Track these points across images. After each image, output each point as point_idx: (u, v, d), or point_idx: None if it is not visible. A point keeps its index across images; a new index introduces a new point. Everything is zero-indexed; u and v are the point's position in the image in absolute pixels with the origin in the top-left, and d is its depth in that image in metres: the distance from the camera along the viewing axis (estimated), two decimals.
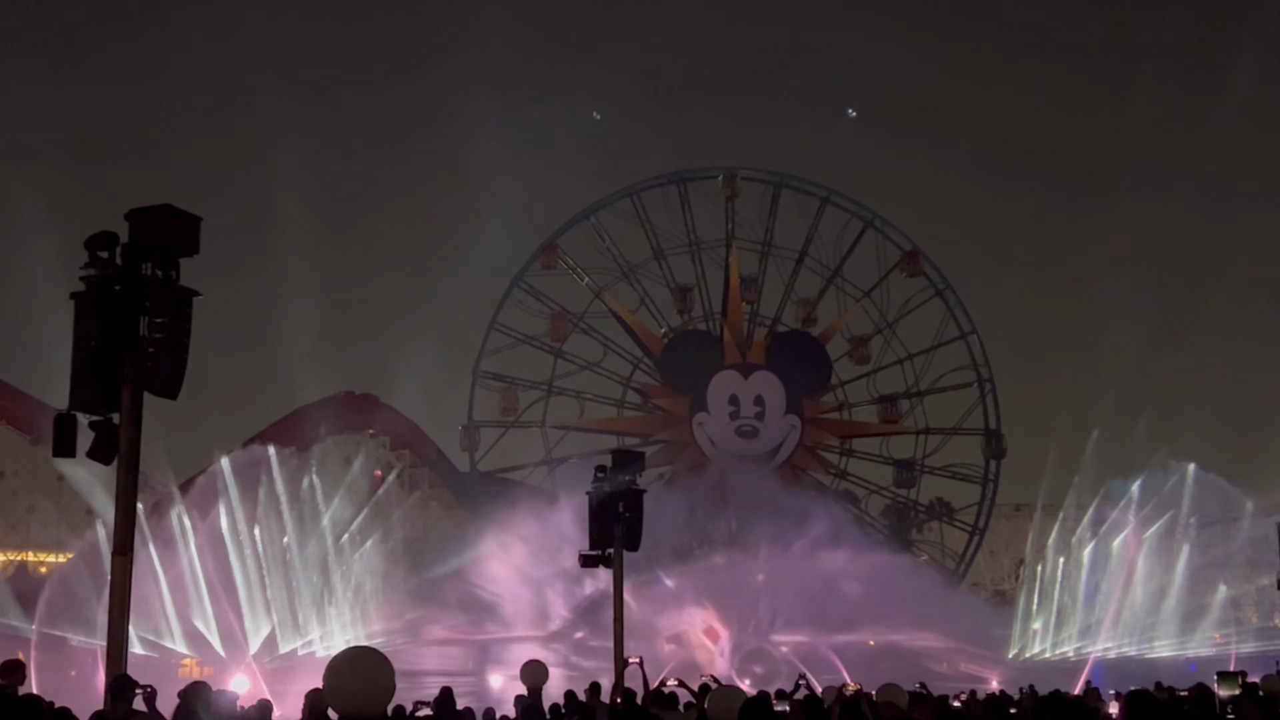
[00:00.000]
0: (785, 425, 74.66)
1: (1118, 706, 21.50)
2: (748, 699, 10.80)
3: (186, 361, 15.65)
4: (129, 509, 15.77)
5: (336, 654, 7.87)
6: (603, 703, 20.36)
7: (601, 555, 31.16)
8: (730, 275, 76.31)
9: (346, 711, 7.61)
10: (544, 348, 75.35)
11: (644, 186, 77.10)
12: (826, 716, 14.80)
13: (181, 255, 15.88)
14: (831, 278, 77.51)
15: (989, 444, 76.11)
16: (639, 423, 75.58)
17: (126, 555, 15.71)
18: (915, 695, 16.53)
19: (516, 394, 74.66)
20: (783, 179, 78.01)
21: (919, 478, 77.19)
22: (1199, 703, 16.20)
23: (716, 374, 74.63)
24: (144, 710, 13.34)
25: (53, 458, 16.12)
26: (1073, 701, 24.89)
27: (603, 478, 31.45)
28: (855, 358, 77.61)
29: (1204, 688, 18.33)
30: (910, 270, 76.80)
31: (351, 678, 7.65)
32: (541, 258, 75.06)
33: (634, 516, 30.87)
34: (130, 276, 15.55)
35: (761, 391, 74.51)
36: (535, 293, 75.53)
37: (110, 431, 15.59)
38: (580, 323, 75.99)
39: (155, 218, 15.77)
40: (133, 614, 16.13)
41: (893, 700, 15.03)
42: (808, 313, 77.23)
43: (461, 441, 74.47)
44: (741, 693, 11.45)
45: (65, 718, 13.27)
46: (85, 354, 15.32)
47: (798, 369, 74.75)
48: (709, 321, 76.82)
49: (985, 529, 76.74)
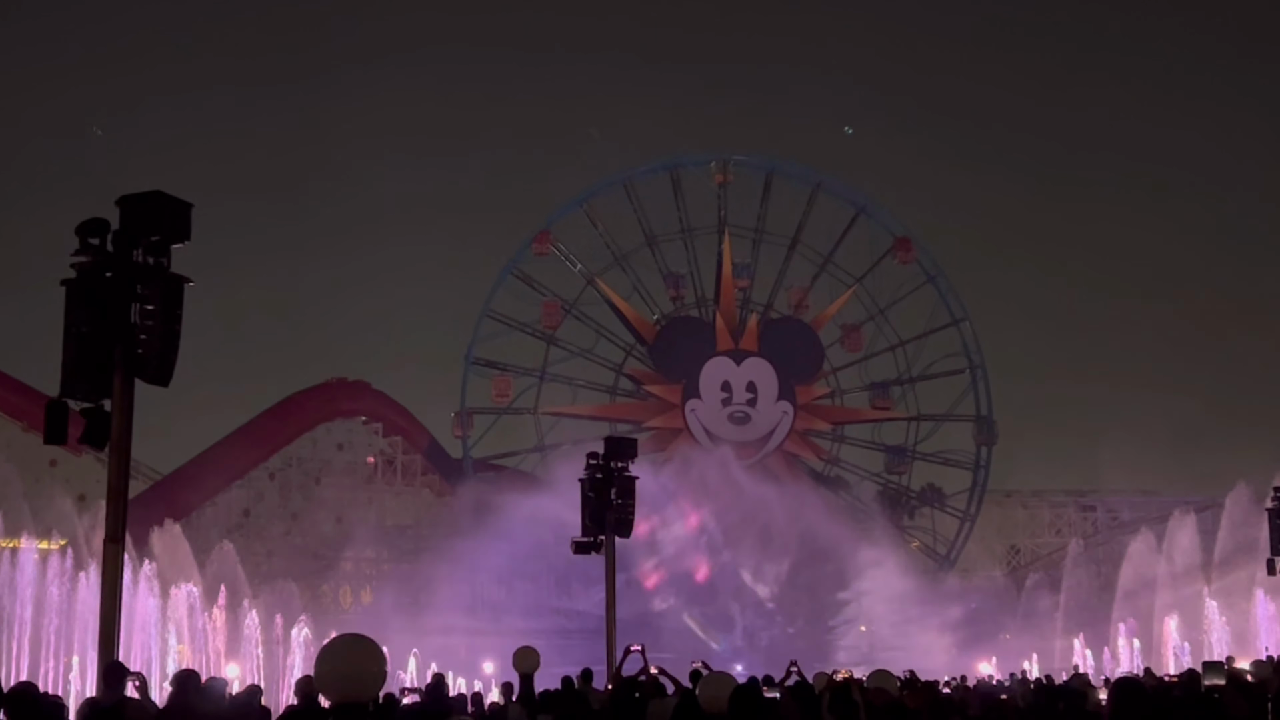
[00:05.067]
0: (777, 411, 74.74)
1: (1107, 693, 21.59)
2: (738, 685, 10.83)
3: (178, 348, 15.62)
4: (121, 496, 15.75)
5: (328, 640, 7.89)
6: (595, 689, 20.38)
7: (594, 542, 31.20)
8: (723, 262, 76.28)
9: (337, 697, 7.63)
10: (536, 334, 75.34)
11: (636, 174, 77.02)
12: (818, 703, 14.86)
13: (173, 242, 15.83)
14: (823, 264, 77.54)
15: (980, 430, 76.28)
16: (632, 409, 75.62)
17: (118, 543, 15.69)
18: (906, 682, 16.60)
19: (509, 381, 74.69)
20: (774, 166, 77.96)
21: (910, 464, 77.39)
22: (1188, 689, 16.29)
23: (709, 360, 74.66)
24: (136, 697, 13.35)
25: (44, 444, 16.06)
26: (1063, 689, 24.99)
27: (595, 464, 31.47)
28: (847, 344, 77.72)
29: (1193, 674, 18.42)
30: (902, 257, 76.86)
31: (342, 664, 7.67)
32: (534, 245, 74.97)
33: (626, 503, 30.92)
34: (121, 263, 15.49)
35: (754, 378, 74.59)
36: (528, 279, 75.48)
37: (101, 418, 15.55)
38: (573, 309, 75.96)
39: (146, 204, 15.71)
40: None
41: (883, 686, 15.09)
42: (800, 299, 77.27)
43: (454, 428, 74.49)
44: (732, 679, 11.47)
45: (57, 706, 13.25)
46: (76, 341, 15.26)
47: (790, 355, 74.84)
48: (701, 308, 76.82)
49: (976, 515, 76.94)
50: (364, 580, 78.80)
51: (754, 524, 62.16)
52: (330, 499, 77.55)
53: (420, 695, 18.66)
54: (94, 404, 15.57)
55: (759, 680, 17.57)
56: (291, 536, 76.72)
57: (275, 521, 77.07)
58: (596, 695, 19.55)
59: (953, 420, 77.15)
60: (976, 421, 76.40)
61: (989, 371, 76.89)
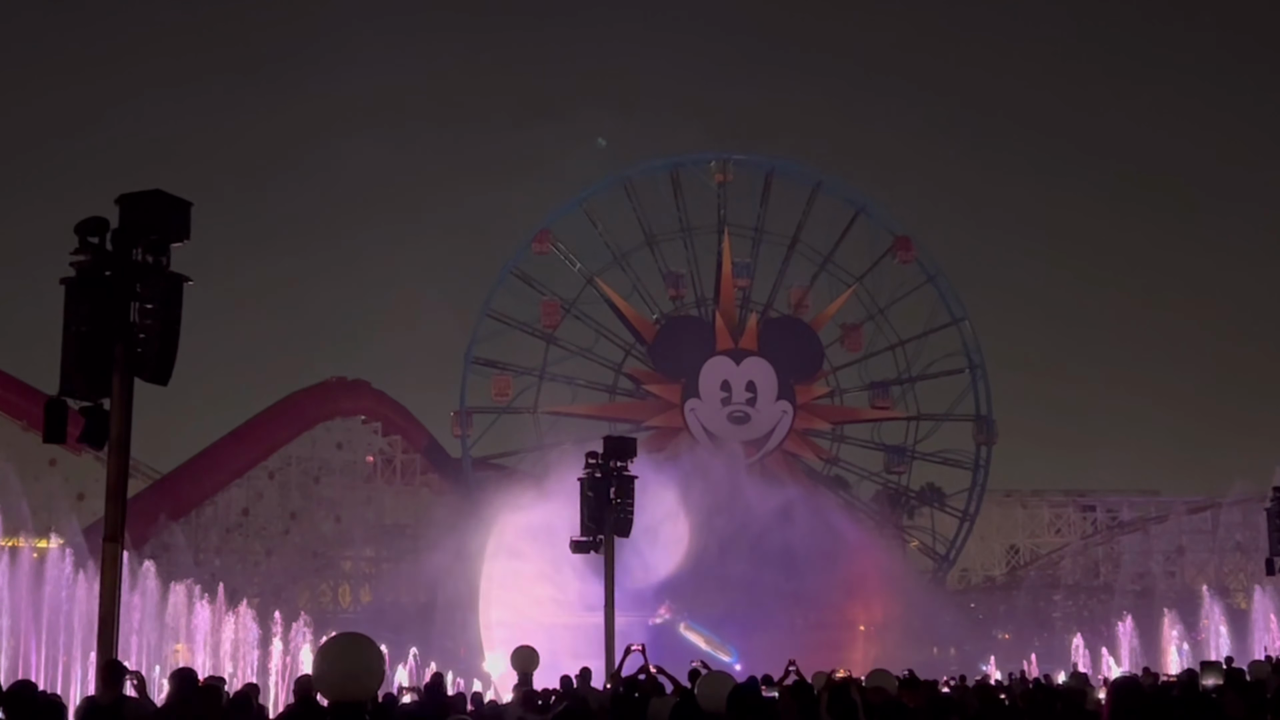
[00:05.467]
0: (777, 411, 74.71)
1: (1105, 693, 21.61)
2: (736, 685, 10.84)
3: (177, 347, 15.61)
4: (120, 495, 15.75)
5: (326, 639, 7.89)
6: (594, 688, 20.37)
7: (593, 541, 31.23)
8: (723, 261, 76.26)
9: (335, 696, 7.63)
10: (536, 334, 75.31)
11: (636, 173, 77.00)
12: (816, 703, 14.86)
13: (172, 241, 15.83)
14: (823, 264, 77.51)
15: (980, 430, 76.24)
16: (631, 408, 75.61)
17: (117, 542, 15.69)
18: (905, 681, 16.60)
19: (509, 380, 74.68)
20: (774, 165, 77.94)
21: (910, 463, 77.36)
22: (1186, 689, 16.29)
23: (708, 360, 74.64)
24: (134, 696, 13.35)
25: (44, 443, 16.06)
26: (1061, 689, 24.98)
27: (595, 464, 31.49)
28: (847, 344, 77.69)
29: (1191, 674, 18.42)
30: (902, 256, 76.81)
31: (341, 663, 7.68)
32: (534, 244, 74.93)
33: (626, 503, 30.93)
34: (121, 262, 15.49)
35: (753, 377, 74.56)
36: (527, 279, 75.44)
37: (100, 417, 15.55)
38: (572, 309, 75.94)
39: (146, 203, 15.71)
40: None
41: (882, 686, 15.09)
42: (800, 299, 77.25)
43: (453, 427, 74.47)
44: (731, 679, 11.49)
45: (55, 704, 13.25)
46: (75, 340, 15.27)
47: (790, 355, 74.82)
48: (701, 308, 76.79)
49: (976, 515, 76.90)
50: (363, 579, 78.85)
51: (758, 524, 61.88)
52: (329, 498, 77.60)
53: (419, 694, 18.66)
54: (93, 403, 15.57)
55: (757, 680, 17.57)
56: (290, 536, 76.77)
57: (274, 521, 77.08)
58: (595, 695, 19.54)
59: (952, 420, 77.15)
60: (976, 421, 76.38)
61: (988, 371, 77.00)
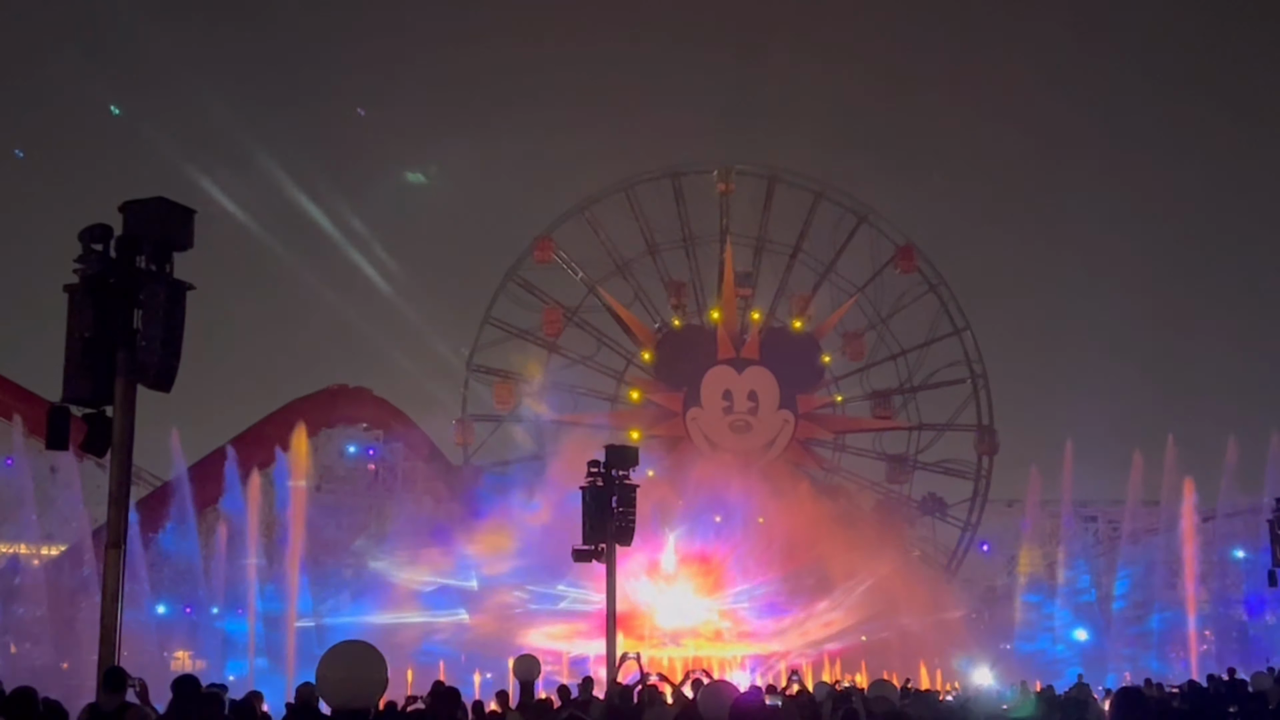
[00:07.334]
0: (778, 420, 74.74)
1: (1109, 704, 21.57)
2: (738, 695, 10.82)
3: (180, 354, 15.63)
4: (122, 502, 15.75)
5: (330, 647, 7.87)
6: (596, 697, 20.37)
7: (595, 550, 31.20)
8: (725, 270, 76.30)
9: (338, 704, 7.62)
10: (538, 342, 75.34)
11: (638, 181, 77.05)
12: (819, 712, 14.85)
13: (175, 248, 15.85)
14: (825, 273, 77.51)
15: (982, 440, 76.20)
16: (632, 417, 75.59)
17: (119, 548, 15.69)
18: (906, 690, 16.59)
19: (510, 388, 74.71)
20: (777, 174, 77.99)
21: (912, 473, 77.30)
22: (1190, 700, 16.27)
23: (710, 369, 74.67)
24: (136, 703, 13.34)
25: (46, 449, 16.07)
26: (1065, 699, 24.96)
27: (596, 472, 31.49)
28: (849, 352, 77.68)
29: (1194, 685, 18.41)
30: (904, 266, 76.74)
31: (344, 671, 7.66)
32: (535, 252, 74.97)
33: (628, 511, 30.93)
34: (124, 269, 15.51)
35: (755, 387, 74.57)
36: (529, 287, 75.47)
37: (103, 424, 15.56)
38: (574, 317, 75.97)
39: (149, 210, 15.73)
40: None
41: (885, 695, 15.09)
42: (802, 308, 77.26)
43: (455, 435, 74.51)
44: (733, 688, 11.47)
45: (55, 709, 13.24)
46: (78, 346, 15.29)
47: (791, 364, 74.84)
48: (703, 316, 76.84)
49: (978, 525, 76.81)
50: (364, 587, 78.63)
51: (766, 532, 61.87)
52: (330, 505, 77.45)
53: (423, 702, 18.63)
54: (96, 410, 15.58)
55: (760, 689, 17.56)
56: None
57: (275, 528, 76.89)
58: (595, 703, 19.55)
59: (954, 429, 77.08)
60: (978, 431, 76.33)
61: (991, 381, 76.93)
